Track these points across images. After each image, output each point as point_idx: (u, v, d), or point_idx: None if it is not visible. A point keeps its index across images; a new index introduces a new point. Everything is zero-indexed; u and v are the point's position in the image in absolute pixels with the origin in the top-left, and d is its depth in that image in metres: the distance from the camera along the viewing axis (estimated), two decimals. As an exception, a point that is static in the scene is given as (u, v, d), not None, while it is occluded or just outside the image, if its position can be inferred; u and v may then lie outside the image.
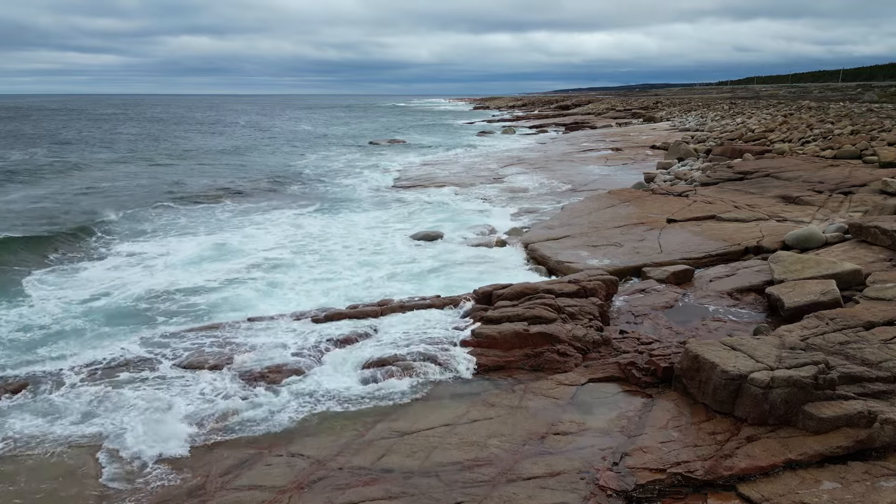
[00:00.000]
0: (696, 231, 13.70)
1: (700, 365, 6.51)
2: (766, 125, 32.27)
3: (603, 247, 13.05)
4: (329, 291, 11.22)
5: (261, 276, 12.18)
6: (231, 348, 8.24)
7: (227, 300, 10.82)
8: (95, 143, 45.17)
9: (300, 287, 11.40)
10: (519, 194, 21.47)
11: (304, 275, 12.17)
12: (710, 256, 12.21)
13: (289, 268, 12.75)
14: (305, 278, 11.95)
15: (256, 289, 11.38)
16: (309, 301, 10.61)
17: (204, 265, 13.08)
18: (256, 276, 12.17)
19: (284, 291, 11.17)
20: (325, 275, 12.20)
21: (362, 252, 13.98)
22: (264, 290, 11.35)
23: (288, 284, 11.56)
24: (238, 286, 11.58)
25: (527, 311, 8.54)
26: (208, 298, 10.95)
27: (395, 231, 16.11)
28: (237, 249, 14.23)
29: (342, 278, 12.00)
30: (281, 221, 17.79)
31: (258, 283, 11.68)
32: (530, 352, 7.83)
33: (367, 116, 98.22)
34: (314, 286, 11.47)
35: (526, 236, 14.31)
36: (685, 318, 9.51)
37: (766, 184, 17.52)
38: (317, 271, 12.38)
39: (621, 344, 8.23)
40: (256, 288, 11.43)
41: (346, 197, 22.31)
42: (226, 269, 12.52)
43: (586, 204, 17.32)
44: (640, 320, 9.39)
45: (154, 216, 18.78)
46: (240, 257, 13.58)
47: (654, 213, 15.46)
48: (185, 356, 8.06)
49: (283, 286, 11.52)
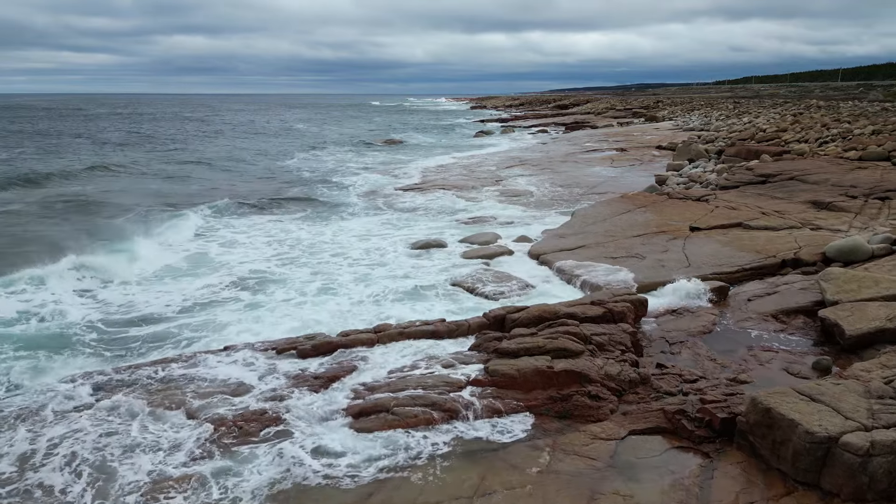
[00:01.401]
0: (724, 241, 12.43)
1: (774, 421, 5.23)
2: (777, 125, 31.06)
3: (623, 259, 11.77)
4: (319, 311, 9.90)
5: (242, 294, 10.80)
6: (197, 388, 6.92)
7: (199, 324, 9.46)
8: (83, 143, 43.66)
9: (286, 307, 10.02)
10: (523, 198, 20.19)
11: (291, 293, 10.78)
12: (744, 270, 10.95)
13: (275, 284, 11.37)
14: (293, 297, 10.56)
15: (236, 310, 10.01)
16: (295, 324, 9.29)
17: (173, 282, 11.58)
18: (237, 294, 10.79)
19: (268, 313, 9.78)
20: (314, 293, 10.84)
21: (357, 264, 12.66)
22: (245, 311, 9.97)
23: (273, 304, 10.15)
24: (214, 307, 10.22)
25: (548, 342, 7.24)
26: (176, 323, 9.57)
27: (393, 240, 14.79)
28: (215, 262, 12.77)
29: (334, 295, 10.68)
30: (267, 229, 16.38)
31: (238, 304, 10.32)
32: (556, 394, 6.54)
33: (363, 116, 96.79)
34: (301, 307, 10.11)
35: (536, 246, 13.02)
36: (727, 346, 8.24)
37: (792, 187, 16.27)
38: (306, 288, 10.98)
39: (661, 382, 6.95)
40: (236, 309, 10.06)
41: (340, 201, 20.98)
42: (200, 287, 11.09)
43: (599, 209, 16.04)
44: (677, 349, 8.11)
45: (124, 223, 17.18)
46: (218, 271, 12.15)
47: (675, 221, 14.20)
48: (125, 403, 6.63)
49: (267, 306, 10.15)
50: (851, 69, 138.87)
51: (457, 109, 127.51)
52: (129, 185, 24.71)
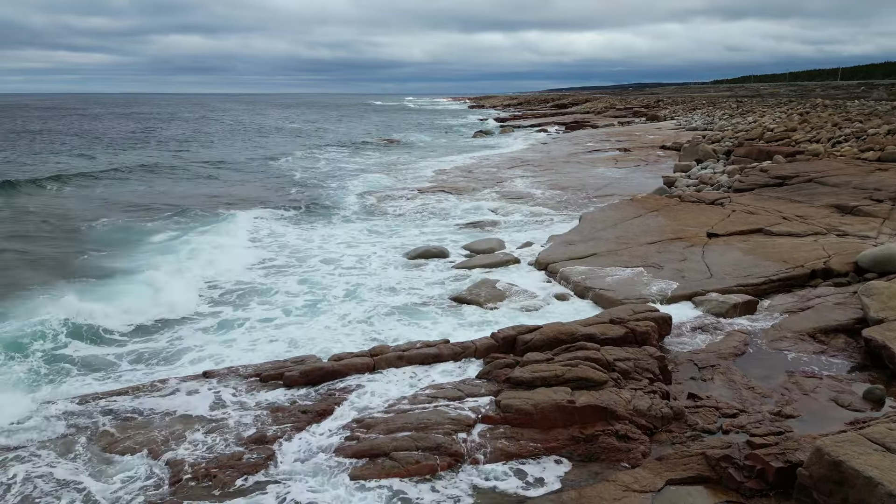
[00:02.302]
0: (746, 248, 11.59)
1: (845, 478, 4.39)
2: (785, 124, 30.24)
3: (638, 268, 10.92)
4: (308, 328, 9.03)
5: (222, 309, 9.88)
6: (162, 424, 6.05)
7: (169, 345, 8.57)
8: (75, 145, 42.71)
9: (272, 326, 9.07)
10: (526, 201, 19.34)
11: (277, 308, 9.82)
12: (771, 282, 10.11)
13: (260, 296, 10.47)
14: (279, 314, 9.58)
15: (213, 328, 9.10)
16: (281, 347, 8.42)
17: (144, 297, 10.32)
18: (216, 309, 9.88)
19: (251, 331, 8.85)
20: (302, 307, 9.94)
21: (349, 274, 11.79)
22: (223, 329, 9.06)
23: (255, 322, 9.18)
24: (187, 324, 9.31)
25: (567, 371, 6.39)
26: (145, 345, 8.67)
27: (389, 248, 13.92)
28: (194, 273, 11.69)
29: (324, 310, 9.79)
30: (254, 234, 15.44)
31: (216, 320, 9.40)
32: (579, 434, 5.69)
33: (361, 115, 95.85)
34: (288, 326, 9.16)
35: (544, 254, 12.17)
36: (764, 370, 7.40)
37: (811, 190, 15.43)
38: (294, 303, 10.05)
39: (696, 417, 6.11)
40: (213, 326, 9.15)
41: (334, 203, 20.09)
42: (173, 303, 9.97)
43: (608, 213, 15.19)
44: (708, 375, 7.26)
45: (93, 229, 16.25)
46: (197, 282, 11.21)
47: (691, 226, 13.35)
48: (65, 441, 5.86)
49: (248, 323, 9.22)
50: (850, 68, 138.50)
51: (455, 109, 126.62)
52: (109, 189, 23.82)
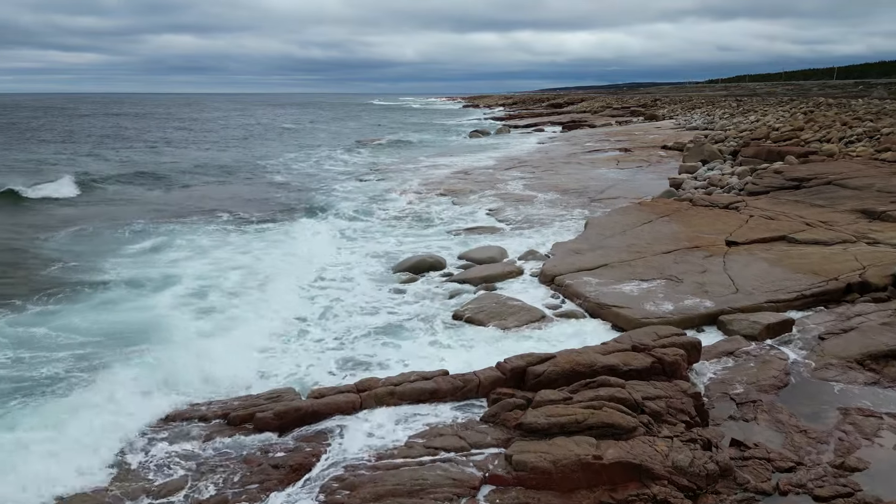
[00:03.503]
0: (771, 258, 10.61)
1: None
2: (790, 123, 29.33)
3: (655, 281, 9.92)
4: (284, 356, 7.95)
5: (185, 325, 8.70)
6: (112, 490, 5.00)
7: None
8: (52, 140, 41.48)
9: (240, 352, 7.78)
10: (526, 204, 18.32)
11: (244, 332, 8.49)
12: (804, 297, 9.13)
13: (226, 317, 9.08)
14: (246, 338, 8.27)
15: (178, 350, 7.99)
16: (253, 373, 7.36)
17: (88, 312, 9.09)
18: (177, 322, 8.71)
19: (217, 358, 7.59)
20: (279, 328, 8.76)
21: (331, 287, 10.72)
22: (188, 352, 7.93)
23: (221, 349, 7.79)
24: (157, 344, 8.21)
25: (590, 415, 5.37)
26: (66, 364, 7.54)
27: (379, 257, 12.87)
28: (150, 287, 10.37)
29: (301, 332, 8.68)
30: (224, 241, 14.07)
31: (180, 335, 8.27)
32: (609, 499, 4.68)
33: (354, 115, 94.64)
34: (262, 349, 8.09)
35: (550, 265, 11.14)
36: (812, 406, 6.40)
37: (832, 193, 14.48)
38: (265, 325, 8.74)
39: (746, 472, 5.11)
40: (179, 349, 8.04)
41: (321, 206, 18.98)
42: (117, 322, 8.72)
43: (615, 218, 14.19)
44: (750, 412, 6.26)
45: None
46: (151, 296, 9.86)
47: (707, 233, 12.36)
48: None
49: (220, 343, 8.03)
50: (845, 68, 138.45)
51: (449, 108, 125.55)
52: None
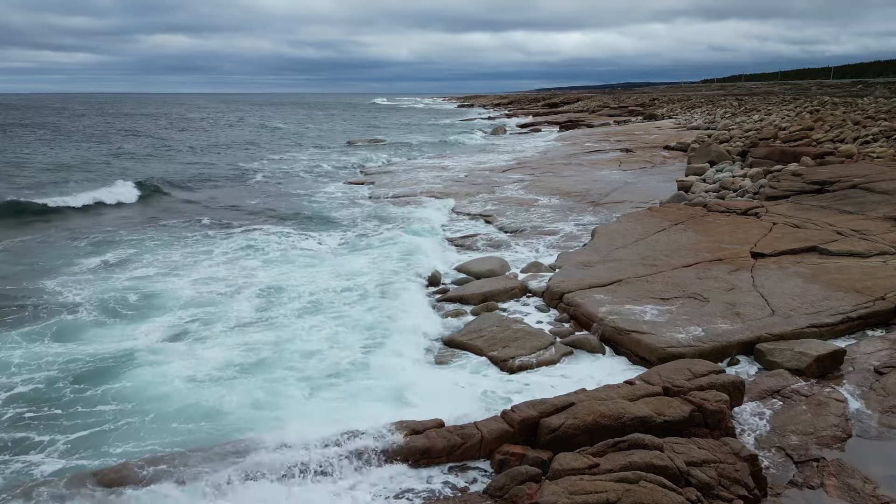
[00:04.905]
0: (806, 273, 9.46)
1: None
2: (798, 123, 28.25)
3: (677, 300, 8.76)
4: (234, 391, 6.75)
5: (149, 365, 7.44)
6: None
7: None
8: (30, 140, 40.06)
9: (189, 380, 6.61)
10: (527, 210, 17.15)
11: (200, 360, 7.25)
12: (850, 320, 8.00)
13: (181, 345, 8.09)
14: (199, 370, 7.02)
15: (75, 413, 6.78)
16: (195, 412, 6.16)
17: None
18: (142, 363, 7.47)
19: (152, 406, 6.42)
20: (238, 356, 7.55)
21: (312, 298, 9.54)
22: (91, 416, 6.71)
23: (173, 379, 6.54)
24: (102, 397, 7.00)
25: (624, 493, 4.20)
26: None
27: (367, 268, 11.67)
28: (131, 312, 9.30)
29: (262, 365, 7.47)
30: (195, 260, 12.55)
31: (144, 374, 7.09)
32: None
33: (347, 114, 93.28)
34: (209, 382, 6.91)
35: (557, 280, 9.96)
36: (888, 465, 5.25)
37: (859, 198, 13.36)
38: (225, 351, 7.51)
39: (829, 572, 3.94)
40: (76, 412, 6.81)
41: (307, 213, 17.80)
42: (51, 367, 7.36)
43: (626, 226, 13.03)
44: (813, 476, 5.11)
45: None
46: (115, 336, 8.42)
47: (729, 243, 11.22)
48: None
49: (158, 386, 6.82)
50: (840, 67, 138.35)
51: (443, 108, 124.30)
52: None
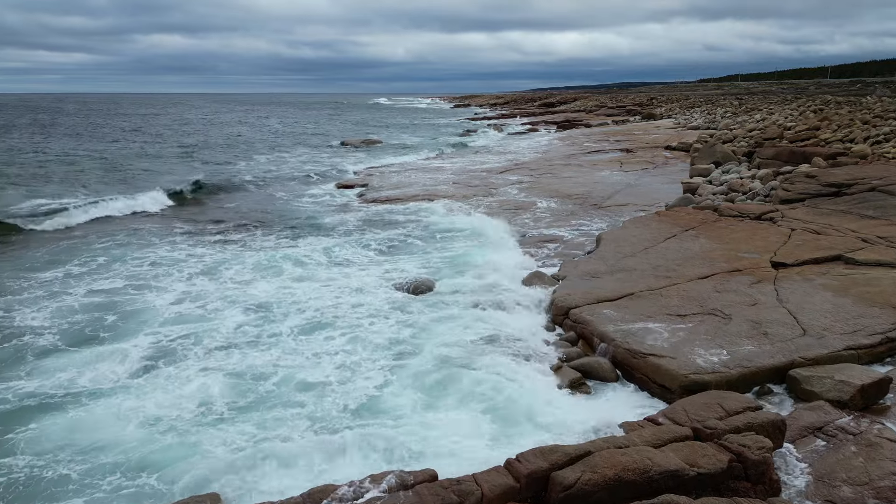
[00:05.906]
0: (834, 286, 8.66)
1: None
2: (804, 122, 27.50)
3: (696, 317, 7.94)
4: (204, 434, 5.94)
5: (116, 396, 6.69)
6: None
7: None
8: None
9: (156, 422, 5.85)
10: (526, 213, 16.34)
11: (158, 396, 6.47)
12: (891, 341, 7.20)
13: (149, 374, 7.29)
14: (167, 410, 6.25)
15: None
16: (160, 457, 5.34)
17: None
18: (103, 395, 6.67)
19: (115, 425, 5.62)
20: (207, 392, 6.77)
21: (293, 321, 8.71)
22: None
23: (139, 412, 5.82)
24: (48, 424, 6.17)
25: (661, 581, 3.37)
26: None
27: (354, 277, 10.84)
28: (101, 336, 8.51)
29: (233, 397, 6.68)
30: (174, 269, 11.82)
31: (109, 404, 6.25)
32: None
33: (343, 114, 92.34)
34: (180, 425, 6.11)
35: (562, 293, 9.13)
36: (961, 525, 4.45)
37: (881, 202, 12.58)
38: (183, 387, 6.75)
39: None
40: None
41: (295, 217, 16.95)
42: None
43: (634, 232, 12.22)
44: (878, 541, 4.29)
45: None
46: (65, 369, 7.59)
47: (746, 251, 10.42)
48: None
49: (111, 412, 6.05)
50: (837, 66, 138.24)
51: (440, 108, 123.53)
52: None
